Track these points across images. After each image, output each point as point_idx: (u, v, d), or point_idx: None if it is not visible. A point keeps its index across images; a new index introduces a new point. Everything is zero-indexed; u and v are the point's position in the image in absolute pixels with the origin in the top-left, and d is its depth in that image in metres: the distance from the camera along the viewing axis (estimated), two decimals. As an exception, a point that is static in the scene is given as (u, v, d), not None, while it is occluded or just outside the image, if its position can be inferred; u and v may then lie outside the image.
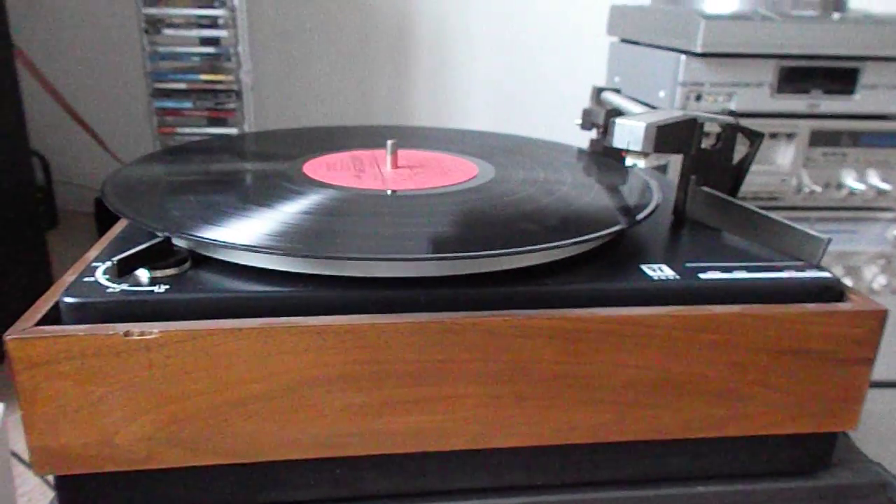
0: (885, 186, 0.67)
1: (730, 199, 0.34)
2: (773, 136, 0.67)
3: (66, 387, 0.26)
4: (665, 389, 0.29)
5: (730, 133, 0.36)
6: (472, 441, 0.29)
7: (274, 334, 0.26)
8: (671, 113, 0.33)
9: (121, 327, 0.26)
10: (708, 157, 0.36)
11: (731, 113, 0.36)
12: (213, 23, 0.83)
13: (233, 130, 0.84)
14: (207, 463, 0.28)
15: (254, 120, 0.89)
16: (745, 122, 0.36)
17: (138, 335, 0.26)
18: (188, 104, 0.86)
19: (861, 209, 0.69)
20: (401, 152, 0.42)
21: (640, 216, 0.33)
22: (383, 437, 0.29)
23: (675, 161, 0.61)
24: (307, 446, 0.28)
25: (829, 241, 0.30)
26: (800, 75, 0.65)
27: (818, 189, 0.67)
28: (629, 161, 0.30)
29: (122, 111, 1.02)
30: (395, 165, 0.40)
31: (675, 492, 0.31)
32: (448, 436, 0.29)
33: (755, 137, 0.37)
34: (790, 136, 0.67)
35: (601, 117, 0.52)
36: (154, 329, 0.26)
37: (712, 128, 0.35)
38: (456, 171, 0.40)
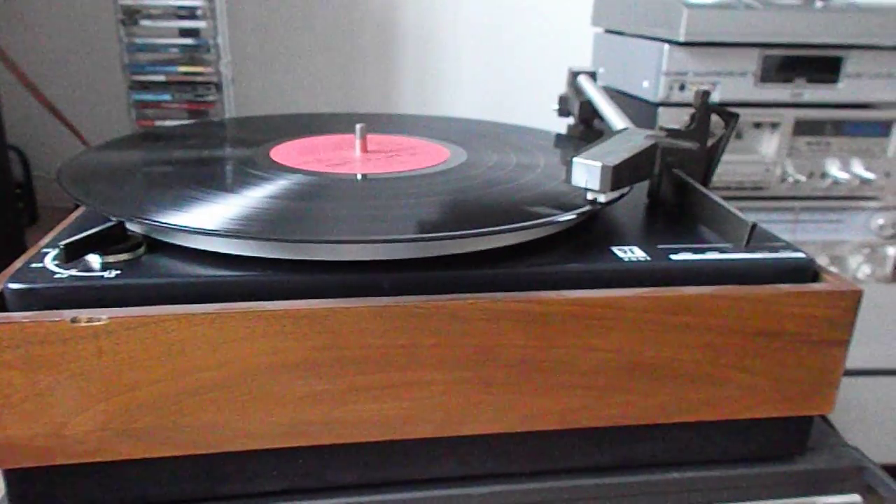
0: (869, 175, 0.66)
1: (688, 179, 0.33)
2: (757, 125, 0.66)
3: (11, 376, 0.25)
4: (637, 373, 0.28)
5: (703, 114, 0.35)
6: (439, 428, 0.28)
7: (228, 320, 0.25)
8: (632, 135, 0.32)
9: (67, 314, 0.25)
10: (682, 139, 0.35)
11: (706, 94, 0.35)
12: (191, 13, 0.82)
13: (214, 124, 0.83)
14: (163, 455, 0.27)
15: (235, 112, 0.88)
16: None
17: (86, 322, 0.25)
18: (167, 97, 0.84)
19: (845, 198, 0.68)
20: (372, 137, 0.41)
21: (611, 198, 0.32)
22: (347, 426, 0.28)
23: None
24: (268, 436, 0.27)
25: (755, 225, 0.28)
26: (783, 64, 0.64)
27: (802, 178, 0.67)
28: (590, 196, 0.29)
29: (100, 104, 1.00)
30: (364, 150, 0.39)
31: (649, 478, 0.30)
32: (414, 423, 0.28)
33: (729, 118, 0.36)
34: (774, 125, 0.66)
35: (577, 106, 0.51)
36: (103, 315, 0.25)
37: (684, 113, 0.34)
38: (427, 155, 0.39)
